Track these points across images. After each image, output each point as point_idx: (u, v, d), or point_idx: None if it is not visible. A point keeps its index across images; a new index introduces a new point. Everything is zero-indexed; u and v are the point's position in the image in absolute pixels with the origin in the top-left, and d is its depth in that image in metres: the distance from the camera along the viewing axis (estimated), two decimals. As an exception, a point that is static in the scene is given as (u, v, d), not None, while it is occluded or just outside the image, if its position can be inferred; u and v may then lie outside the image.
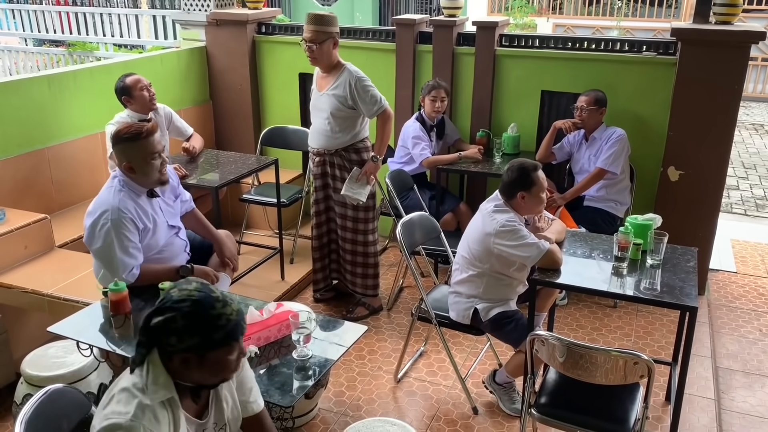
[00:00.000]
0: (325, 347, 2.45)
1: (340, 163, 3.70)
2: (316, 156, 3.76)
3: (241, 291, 3.72)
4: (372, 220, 3.85)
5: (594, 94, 3.99)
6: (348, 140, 3.66)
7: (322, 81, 3.66)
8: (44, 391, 1.88)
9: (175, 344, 1.58)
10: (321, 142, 3.69)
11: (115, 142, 2.79)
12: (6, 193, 3.73)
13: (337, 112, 3.57)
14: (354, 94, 3.54)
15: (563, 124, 4.06)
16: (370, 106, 3.59)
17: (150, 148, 2.76)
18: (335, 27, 3.53)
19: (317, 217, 3.88)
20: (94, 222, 2.73)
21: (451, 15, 4.54)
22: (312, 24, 3.47)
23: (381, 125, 3.68)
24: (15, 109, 3.79)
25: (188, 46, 5.16)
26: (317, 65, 3.61)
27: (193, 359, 1.59)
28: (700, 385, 3.37)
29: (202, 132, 4.61)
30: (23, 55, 8.98)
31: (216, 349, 1.59)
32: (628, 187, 4.10)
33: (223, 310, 1.59)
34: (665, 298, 2.62)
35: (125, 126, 2.81)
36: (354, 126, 3.65)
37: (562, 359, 2.32)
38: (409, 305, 4.11)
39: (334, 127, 3.61)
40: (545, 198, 2.96)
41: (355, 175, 3.66)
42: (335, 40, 3.54)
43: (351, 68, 3.59)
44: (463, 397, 3.20)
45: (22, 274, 3.31)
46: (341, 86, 3.55)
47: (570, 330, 3.83)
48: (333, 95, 3.56)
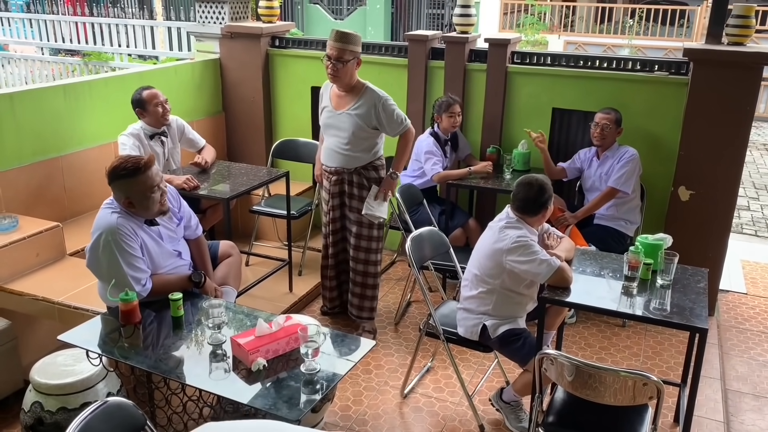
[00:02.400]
0: (332, 361, 2.45)
1: (359, 181, 3.64)
2: (333, 175, 3.68)
3: (249, 302, 3.73)
4: (383, 239, 3.84)
5: (614, 113, 3.99)
6: (368, 159, 3.62)
7: (339, 99, 3.58)
8: (100, 403, 1.90)
9: None
10: (339, 161, 3.63)
11: (112, 179, 2.71)
12: (19, 200, 3.76)
13: (360, 132, 3.52)
14: (380, 116, 3.49)
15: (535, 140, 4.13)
16: (396, 126, 3.56)
17: (149, 183, 2.71)
18: (359, 46, 3.49)
19: (333, 235, 3.82)
20: (94, 245, 2.72)
21: (463, 31, 4.57)
22: (338, 42, 3.40)
23: (404, 143, 3.66)
24: (31, 117, 3.83)
25: (202, 57, 5.21)
26: (337, 83, 3.53)
27: None
28: (709, 408, 3.34)
29: (214, 143, 4.64)
30: (39, 64, 9.09)
31: None
32: (638, 206, 4.09)
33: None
34: (675, 318, 2.60)
35: (121, 160, 2.73)
36: (374, 145, 3.61)
37: (571, 378, 2.31)
38: (417, 320, 4.11)
39: (354, 146, 3.56)
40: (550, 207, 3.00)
41: (374, 193, 3.62)
42: (359, 59, 3.50)
43: (373, 88, 3.54)
44: (470, 414, 3.19)
45: (34, 281, 3.33)
46: (365, 107, 3.49)
47: (578, 348, 3.81)
48: (356, 115, 3.49)
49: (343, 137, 3.55)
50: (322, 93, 3.72)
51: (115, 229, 2.67)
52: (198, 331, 2.61)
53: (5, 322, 3.18)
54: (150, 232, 2.82)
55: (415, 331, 3.96)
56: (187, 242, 3.11)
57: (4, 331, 3.15)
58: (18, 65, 9.06)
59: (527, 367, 2.88)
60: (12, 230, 3.39)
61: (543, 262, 2.79)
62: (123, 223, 2.71)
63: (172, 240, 2.96)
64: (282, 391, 2.25)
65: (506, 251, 2.86)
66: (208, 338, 2.51)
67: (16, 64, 9.07)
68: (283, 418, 2.14)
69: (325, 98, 3.67)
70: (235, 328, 2.64)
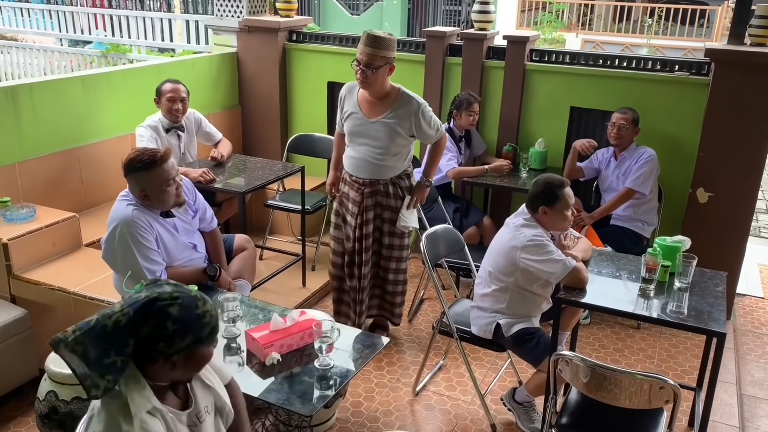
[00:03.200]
0: (345, 357, 2.45)
1: (394, 191, 3.41)
2: (366, 186, 3.38)
3: (263, 296, 3.74)
4: (410, 246, 3.68)
5: (631, 113, 3.95)
6: (403, 167, 3.42)
7: (371, 106, 3.31)
8: None
9: (163, 350, 1.54)
10: (373, 171, 3.36)
11: (128, 171, 2.71)
12: (37, 190, 3.79)
13: (399, 140, 3.29)
14: (420, 123, 3.28)
15: (581, 147, 4.04)
16: (433, 133, 3.37)
17: (165, 176, 2.71)
18: (394, 51, 3.20)
19: (365, 253, 3.47)
20: (110, 237, 2.73)
21: (482, 28, 4.55)
22: (370, 46, 3.12)
23: (438, 150, 3.48)
24: (49, 108, 3.85)
25: (220, 51, 5.22)
26: (367, 89, 3.25)
27: (180, 361, 1.57)
28: (725, 412, 3.30)
29: (230, 136, 4.65)
30: (58, 55, 9.15)
31: (204, 347, 1.60)
32: (655, 207, 4.05)
33: (205, 307, 1.60)
34: (693, 322, 2.57)
35: (138, 153, 2.73)
36: (408, 152, 3.43)
37: (586, 380, 2.29)
38: (430, 317, 4.10)
39: (390, 156, 3.33)
40: (570, 216, 2.92)
41: (407, 203, 3.44)
42: (392, 65, 3.22)
43: (410, 94, 3.31)
44: (482, 413, 3.18)
45: (50, 271, 3.35)
46: (404, 115, 3.26)
47: (592, 350, 3.79)
48: (394, 123, 3.25)
49: (377, 146, 3.30)
50: (345, 96, 3.43)
51: (131, 221, 2.68)
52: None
53: (21, 311, 3.21)
54: (165, 224, 2.83)
55: (428, 329, 3.95)
56: (202, 235, 3.12)
57: (20, 319, 3.17)
58: (37, 56, 9.12)
59: (540, 367, 2.86)
60: (30, 220, 3.41)
61: (557, 261, 2.77)
62: (138, 215, 2.71)
63: (187, 232, 2.96)
64: (295, 386, 2.25)
65: (520, 249, 2.84)
66: (222, 331, 2.52)
67: (35, 54, 9.14)
68: (296, 413, 2.14)
69: (350, 103, 3.38)
70: (249, 322, 2.64)
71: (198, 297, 1.61)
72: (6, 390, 3.15)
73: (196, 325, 1.57)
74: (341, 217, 3.53)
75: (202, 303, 1.60)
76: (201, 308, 1.59)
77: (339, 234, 3.56)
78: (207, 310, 1.60)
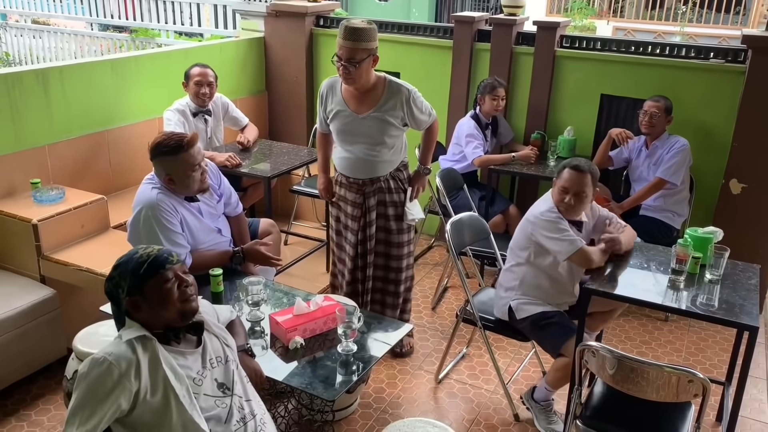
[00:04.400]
0: (369, 343, 2.44)
1: (395, 186, 3.25)
2: (366, 186, 3.21)
3: (287, 281, 3.75)
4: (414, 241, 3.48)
5: (664, 101, 3.86)
6: (400, 159, 3.25)
7: (357, 102, 3.09)
8: None
9: (121, 295, 1.82)
10: (371, 170, 3.18)
11: (154, 155, 2.71)
12: (66, 172, 3.83)
13: (393, 132, 3.11)
14: (412, 111, 3.10)
15: (617, 136, 3.96)
16: (426, 118, 3.20)
17: (191, 161, 2.71)
18: (375, 41, 2.97)
19: (370, 255, 3.31)
20: (135, 220, 2.74)
21: (511, 14, 4.47)
22: (348, 40, 2.91)
23: (433, 134, 3.32)
24: (79, 91, 3.89)
25: (247, 36, 5.22)
26: (352, 85, 3.02)
27: (138, 300, 1.81)
28: (754, 408, 3.24)
29: (257, 121, 4.66)
30: (88, 39, 9.24)
31: (147, 281, 1.81)
32: (687, 198, 3.97)
33: (144, 251, 1.86)
34: (724, 315, 2.51)
35: (164, 137, 2.72)
36: (402, 143, 3.26)
37: (612, 372, 2.25)
38: (453, 305, 4.08)
39: (386, 150, 3.15)
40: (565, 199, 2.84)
41: (409, 195, 3.30)
42: (375, 56, 3.01)
43: (397, 81, 3.11)
44: (505, 402, 3.15)
45: (78, 252, 3.39)
46: (395, 106, 3.07)
47: (618, 341, 3.73)
48: (386, 116, 3.07)
49: (371, 143, 3.12)
50: (326, 92, 3.20)
51: (156, 205, 2.70)
52: (237, 308, 2.62)
53: (50, 291, 3.26)
54: (190, 208, 2.84)
55: (451, 317, 3.93)
56: (227, 219, 3.12)
57: (50, 299, 3.22)
58: (68, 40, 9.22)
59: (563, 351, 2.79)
60: (59, 201, 3.45)
61: (565, 240, 2.79)
62: (163, 198, 2.73)
63: (212, 216, 2.97)
64: (318, 371, 2.25)
65: (532, 222, 2.89)
66: (246, 315, 2.53)
67: (66, 39, 9.24)
68: (318, 397, 2.14)
69: (333, 99, 3.17)
70: (273, 306, 2.65)
71: (141, 246, 1.89)
72: (35, 368, 3.21)
73: (132, 264, 1.82)
74: (342, 223, 3.37)
75: (143, 249, 1.86)
76: (139, 252, 1.85)
77: (341, 240, 3.41)
78: (145, 253, 1.85)
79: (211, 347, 1.93)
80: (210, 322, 1.99)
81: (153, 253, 1.84)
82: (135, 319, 1.84)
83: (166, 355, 1.80)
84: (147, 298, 1.82)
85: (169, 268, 1.83)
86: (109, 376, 1.70)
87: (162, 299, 1.82)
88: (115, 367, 1.71)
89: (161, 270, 1.82)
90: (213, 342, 1.95)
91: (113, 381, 1.70)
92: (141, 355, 1.76)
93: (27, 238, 3.28)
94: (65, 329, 3.26)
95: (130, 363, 1.73)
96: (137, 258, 1.83)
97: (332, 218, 3.44)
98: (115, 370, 1.70)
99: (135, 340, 1.78)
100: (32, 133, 3.64)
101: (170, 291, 1.82)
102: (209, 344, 1.93)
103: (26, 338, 3.12)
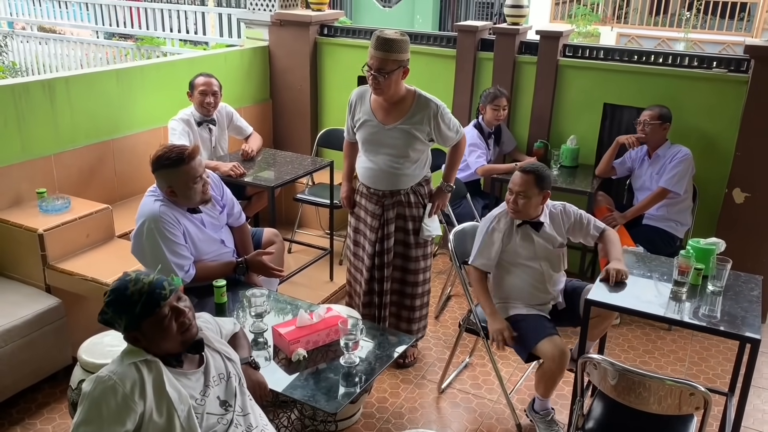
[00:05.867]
0: (371, 354, 2.45)
1: (415, 200, 3.24)
2: (386, 198, 3.21)
3: (290, 289, 3.77)
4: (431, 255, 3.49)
5: (658, 109, 3.88)
6: (423, 174, 3.25)
7: (386, 112, 3.11)
8: None
9: (118, 328, 1.83)
10: (392, 182, 3.17)
11: (156, 168, 2.72)
12: (72, 182, 3.86)
13: (418, 146, 3.12)
14: (440, 126, 3.10)
15: (626, 140, 3.96)
16: (453, 134, 3.19)
17: (192, 173, 2.72)
18: (406, 53, 2.99)
19: (387, 268, 3.30)
20: (138, 232, 2.76)
21: (514, 23, 4.49)
22: (379, 50, 2.92)
23: (459, 152, 3.31)
24: (85, 101, 3.92)
25: (252, 44, 5.25)
26: (381, 96, 3.04)
27: (137, 334, 1.81)
28: (757, 418, 3.23)
29: (261, 130, 4.68)
30: (94, 47, 9.29)
31: (144, 320, 1.79)
32: (690, 207, 3.97)
33: (135, 287, 1.79)
34: (726, 327, 2.51)
35: (166, 150, 2.73)
36: (427, 158, 3.25)
37: (614, 383, 2.26)
38: (456, 314, 4.08)
39: (409, 163, 3.15)
40: (510, 200, 2.94)
41: (428, 211, 3.29)
42: (406, 68, 3.02)
43: (426, 96, 3.12)
44: (508, 412, 3.16)
45: (83, 261, 3.41)
46: (423, 119, 3.07)
47: (621, 351, 3.74)
48: (413, 129, 3.07)
49: (396, 155, 3.12)
50: (355, 102, 3.23)
51: (158, 217, 2.71)
52: (240, 318, 2.64)
53: (56, 300, 3.28)
54: (193, 220, 2.86)
55: (454, 326, 3.94)
56: (230, 230, 3.14)
57: (55, 309, 3.25)
58: (74, 48, 9.28)
59: (534, 352, 2.80)
60: (65, 211, 3.47)
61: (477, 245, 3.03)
62: (165, 210, 2.74)
63: (215, 227, 2.99)
64: (321, 383, 2.27)
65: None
66: (249, 326, 2.55)
67: (72, 46, 9.30)
68: (321, 409, 2.15)
69: (361, 109, 3.19)
70: (276, 317, 2.66)
71: (132, 279, 1.81)
72: (41, 377, 3.23)
73: (125, 303, 1.79)
74: (361, 233, 3.37)
75: (133, 284, 1.80)
76: (131, 289, 1.79)
77: (358, 251, 3.41)
78: (136, 290, 1.79)
79: (214, 365, 1.94)
80: (211, 338, 2.00)
81: (145, 290, 1.79)
82: (136, 347, 1.85)
83: (169, 377, 1.81)
84: (146, 335, 1.81)
85: (164, 305, 1.80)
86: (114, 395, 1.71)
87: (161, 334, 1.81)
88: (120, 387, 1.72)
89: (156, 309, 1.79)
90: (215, 359, 1.96)
91: (117, 402, 1.71)
92: (146, 375, 1.77)
93: (33, 247, 3.31)
94: (70, 338, 3.28)
95: (134, 383, 1.74)
96: (129, 296, 1.78)
97: (350, 228, 3.44)
98: (119, 389, 1.72)
99: (140, 362, 1.80)
100: (38, 143, 3.67)
101: (168, 327, 1.81)
102: (211, 362, 1.94)
103: (32, 347, 3.14)
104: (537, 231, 2.98)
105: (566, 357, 2.77)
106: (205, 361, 1.92)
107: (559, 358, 2.75)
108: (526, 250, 2.99)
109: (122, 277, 1.83)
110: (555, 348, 2.76)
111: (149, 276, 1.82)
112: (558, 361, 2.75)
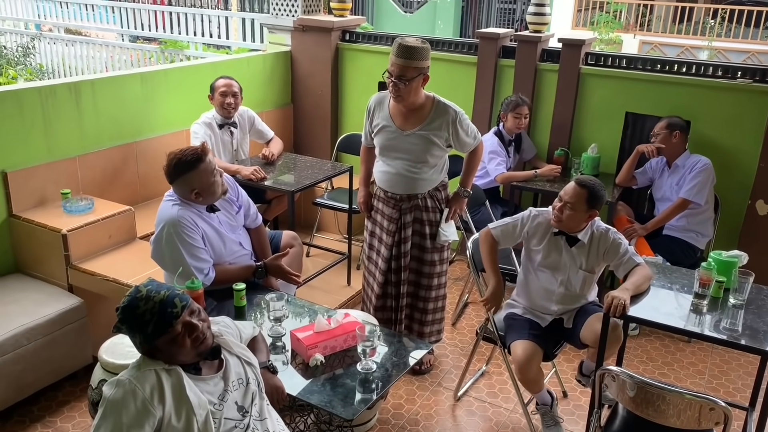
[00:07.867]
0: (388, 360, 2.46)
1: (432, 205, 3.26)
2: (403, 202, 3.23)
3: (308, 293, 3.79)
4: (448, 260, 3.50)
5: (668, 119, 3.87)
6: (440, 179, 3.27)
7: (404, 118, 3.13)
8: None
9: (135, 345, 1.83)
10: (409, 186, 3.19)
11: (176, 175, 2.73)
12: (96, 183, 3.92)
13: (436, 152, 3.14)
14: (458, 132, 3.12)
15: (646, 149, 3.94)
16: (471, 140, 3.22)
17: (210, 167, 2.76)
18: (427, 60, 3.01)
19: (404, 271, 3.31)
20: (158, 237, 2.79)
21: (536, 30, 4.48)
22: (401, 57, 2.94)
23: (476, 158, 3.35)
24: (110, 103, 3.98)
25: (274, 49, 5.30)
26: (400, 102, 3.07)
27: (153, 350, 1.82)
28: (778, 434, 3.18)
29: (282, 134, 4.72)
30: (119, 50, 9.42)
31: (157, 339, 1.79)
32: (711, 218, 3.93)
33: (146, 306, 1.77)
34: (747, 341, 2.48)
35: (178, 155, 2.74)
36: (444, 163, 3.28)
37: (632, 395, 2.24)
38: (473, 322, 4.08)
39: (427, 168, 3.17)
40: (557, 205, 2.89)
41: (446, 216, 3.31)
42: (426, 75, 3.04)
43: (445, 102, 3.14)
44: (524, 422, 3.14)
45: (105, 262, 3.46)
46: (441, 126, 3.09)
47: (640, 362, 3.70)
48: (431, 135, 3.09)
49: (413, 160, 3.14)
50: (374, 107, 3.26)
51: (177, 221, 2.74)
52: (259, 322, 2.66)
53: (78, 300, 3.33)
54: (210, 221, 2.87)
55: (471, 333, 3.93)
56: (248, 232, 3.17)
57: (77, 308, 3.29)
58: (99, 50, 9.41)
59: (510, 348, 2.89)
60: (88, 212, 3.53)
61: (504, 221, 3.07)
62: (183, 214, 2.77)
63: (232, 228, 3.01)
64: (338, 389, 2.28)
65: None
66: (268, 330, 2.56)
67: (98, 49, 9.43)
68: (337, 415, 2.16)
69: (380, 115, 3.22)
70: (294, 321, 2.68)
71: (142, 297, 1.79)
72: (61, 375, 3.28)
73: (139, 324, 1.78)
74: (377, 237, 3.38)
75: (144, 303, 1.78)
76: (141, 308, 1.77)
77: (372, 254, 3.42)
78: (147, 309, 1.77)
79: (233, 369, 1.95)
80: (230, 342, 2.01)
81: (156, 310, 1.77)
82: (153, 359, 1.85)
83: (189, 382, 1.82)
84: (162, 351, 1.81)
85: (176, 323, 1.79)
86: (133, 399, 1.73)
87: (176, 349, 1.82)
88: (140, 391, 1.74)
89: (169, 329, 1.78)
90: (234, 362, 1.98)
91: (136, 406, 1.73)
92: (165, 380, 1.79)
93: (56, 247, 3.36)
94: (91, 338, 3.32)
95: (153, 388, 1.76)
96: (140, 315, 1.77)
97: (366, 232, 3.45)
98: (139, 393, 1.74)
99: (159, 369, 1.81)
100: (64, 145, 3.73)
101: (183, 343, 1.81)
102: (231, 366, 1.95)
103: (53, 346, 3.19)
104: (570, 246, 2.94)
105: (529, 364, 2.80)
106: (224, 365, 1.94)
107: (522, 361, 2.79)
108: (550, 258, 2.96)
109: (132, 293, 1.81)
110: (522, 352, 2.80)
111: (160, 292, 1.80)
112: (519, 363, 2.81)
